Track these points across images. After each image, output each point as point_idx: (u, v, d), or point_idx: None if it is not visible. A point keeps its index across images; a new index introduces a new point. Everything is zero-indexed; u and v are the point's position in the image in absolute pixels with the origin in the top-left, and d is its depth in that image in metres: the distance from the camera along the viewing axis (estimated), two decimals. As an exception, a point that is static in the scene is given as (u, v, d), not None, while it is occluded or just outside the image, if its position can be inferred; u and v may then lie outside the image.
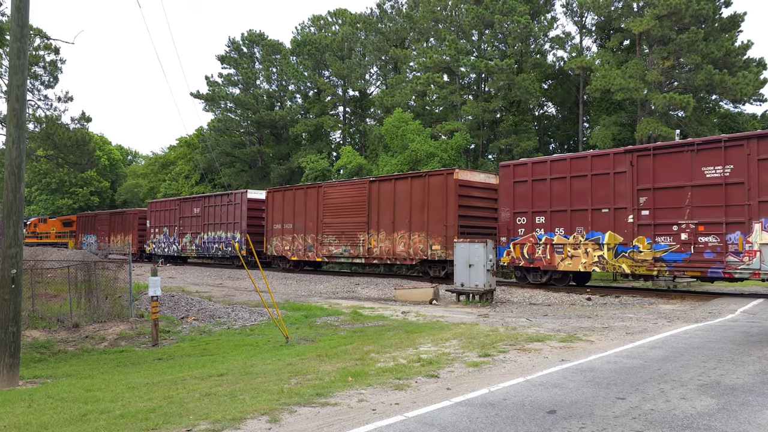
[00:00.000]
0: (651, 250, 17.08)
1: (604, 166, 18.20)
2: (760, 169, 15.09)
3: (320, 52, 48.69)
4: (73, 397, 7.70)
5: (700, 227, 16.18)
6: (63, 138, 31.47)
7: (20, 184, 10.09)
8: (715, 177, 15.97)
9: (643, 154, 17.42)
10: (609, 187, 18.02)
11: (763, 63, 31.67)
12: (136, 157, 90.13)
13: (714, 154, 16.01)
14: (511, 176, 20.53)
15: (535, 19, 38.07)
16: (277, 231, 29.99)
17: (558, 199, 19.20)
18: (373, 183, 25.28)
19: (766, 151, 15.04)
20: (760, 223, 15.06)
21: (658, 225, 17.01)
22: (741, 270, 15.39)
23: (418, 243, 23.20)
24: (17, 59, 10.15)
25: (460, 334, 10.74)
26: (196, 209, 36.14)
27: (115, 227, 46.49)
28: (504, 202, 20.78)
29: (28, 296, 15.98)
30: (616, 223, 17.86)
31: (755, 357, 8.03)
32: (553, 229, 19.35)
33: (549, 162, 19.63)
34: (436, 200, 22.53)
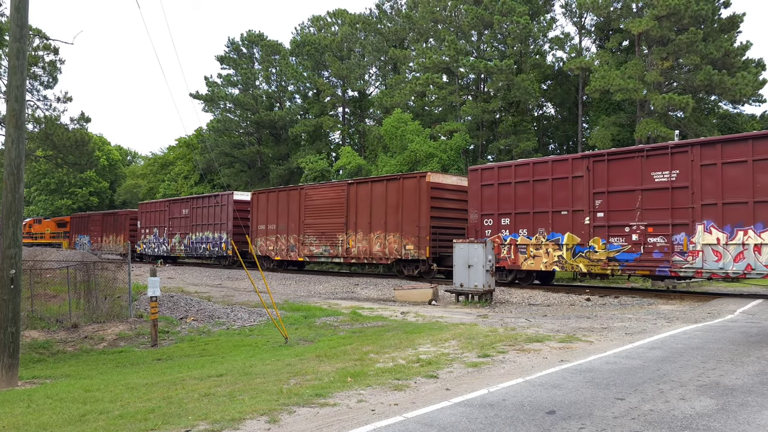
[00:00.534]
0: (605, 250, 18.06)
1: (564, 170, 19.19)
2: (703, 174, 16.16)
3: (319, 52, 48.71)
4: (72, 397, 7.70)
5: (649, 228, 17.20)
6: (62, 138, 31.46)
7: (19, 184, 10.09)
8: (663, 181, 16.99)
9: (598, 160, 18.45)
10: (568, 191, 19.00)
11: (762, 64, 31.69)
12: (136, 157, 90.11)
13: (662, 160, 17.06)
14: (479, 180, 21.45)
15: (535, 19, 38.09)
16: (262, 231, 30.80)
17: (522, 201, 20.17)
18: (351, 185, 26.19)
19: (708, 157, 16.10)
20: (702, 224, 16.14)
21: (611, 226, 18.01)
22: (685, 269, 16.40)
23: (393, 243, 24.16)
24: (16, 59, 10.14)
25: (460, 334, 10.74)
26: (184, 210, 36.93)
27: (107, 228, 47.26)
28: (472, 204, 21.65)
29: (27, 296, 15.97)
30: (574, 224, 18.83)
31: (754, 357, 8.03)
32: (517, 230, 20.36)
33: (513, 166, 20.60)
34: (409, 202, 23.46)
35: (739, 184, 15.56)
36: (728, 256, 15.66)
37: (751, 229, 15.30)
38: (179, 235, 37.36)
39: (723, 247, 15.79)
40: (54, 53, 32.55)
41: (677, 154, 16.80)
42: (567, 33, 39.95)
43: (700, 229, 16.20)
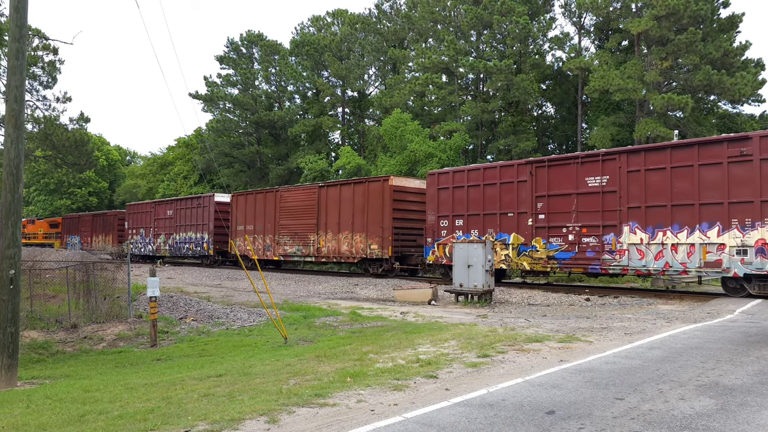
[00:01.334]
0: (546, 249, 19.49)
1: (510, 175, 20.60)
2: (629, 179, 17.66)
3: (319, 52, 48.71)
4: (71, 397, 7.69)
5: (583, 229, 18.69)
6: (61, 138, 31.44)
7: (19, 184, 10.08)
8: (595, 186, 18.48)
9: (540, 165, 19.87)
10: (514, 194, 20.44)
11: (762, 63, 31.71)
12: (135, 157, 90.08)
13: (594, 166, 18.51)
14: (436, 183, 22.82)
15: (534, 19, 38.10)
16: (240, 232, 32.28)
17: (474, 204, 21.56)
18: (322, 188, 27.73)
19: (634, 164, 17.59)
20: (628, 226, 17.64)
21: (551, 227, 19.45)
22: (613, 266, 17.93)
23: (359, 243, 25.53)
24: (16, 60, 10.14)
25: (459, 334, 10.74)
26: (169, 211, 38.29)
27: (96, 228, 48.59)
28: (430, 206, 23.04)
29: (27, 297, 15.97)
30: (519, 225, 20.28)
31: (754, 357, 8.04)
32: (469, 230, 21.70)
33: (466, 171, 22.08)
34: (374, 205, 24.88)
35: (660, 189, 17.06)
36: (650, 254, 17.20)
37: (669, 230, 16.83)
38: (164, 236, 38.63)
39: (645, 247, 17.29)
40: (53, 53, 32.51)
41: (607, 161, 18.25)
42: (566, 33, 40.02)
43: (626, 230, 17.69)
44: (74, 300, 16.05)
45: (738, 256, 15.67)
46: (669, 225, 16.84)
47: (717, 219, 16.04)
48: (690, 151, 16.64)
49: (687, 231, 16.55)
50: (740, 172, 15.70)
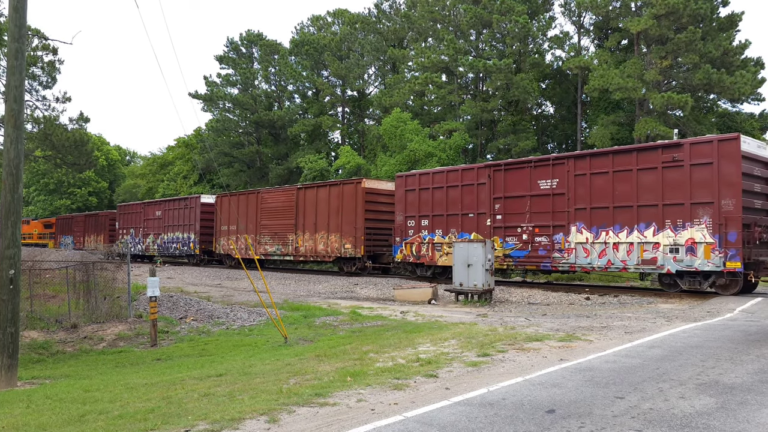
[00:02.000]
0: (503, 248, 20.60)
1: (471, 178, 21.73)
2: (576, 183, 18.82)
3: (318, 52, 48.69)
4: (71, 397, 7.69)
5: (536, 229, 19.82)
6: (61, 138, 31.42)
7: (18, 184, 10.08)
8: (546, 188, 19.61)
9: (497, 169, 21.03)
10: (474, 196, 21.55)
11: (761, 62, 31.69)
12: (135, 157, 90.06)
13: (545, 170, 19.64)
14: (404, 185, 24.03)
15: (534, 18, 38.07)
16: (224, 232, 33.68)
17: (438, 205, 22.72)
18: (300, 190, 29.00)
19: (581, 168, 18.75)
20: (575, 226, 18.78)
21: (507, 227, 20.62)
22: (562, 264, 19.07)
23: (334, 242, 26.79)
24: (15, 60, 10.13)
25: (459, 333, 10.74)
26: (158, 212, 39.46)
27: (89, 228, 49.73)
28: (398, 207, 24.25)
29: (27, 297, 15.96)
30: (479, 225, 21.39)
31: (754, 356, 8.04)
32: (434, 230, 22.86)
33: (431, 174, 23.31)
34: (348, 206, 26.08)
35: (603, 191, 18.21)
36: (594, 252, 18.38)
37: (611, 230, 17.96)
38: (153, 235, 39.74)
39: (590, 245, 18.46)
40: (53, 53, 32.47)
41: (557, 165, 19.42)
42: (566, 32, 39.98)
43: (574, 230, 18.85)
44: (74, 300, 16.05)
45: (671, 254, 16.78)
46: (611, 225, 17.96)
47: (653, 220, 17.15)
48: (630, 156, 17.76)
49: (627, 231, 17.65)
50: (673, 176, 16.85)
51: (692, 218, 16.45)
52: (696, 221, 16.38)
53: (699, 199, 16.33)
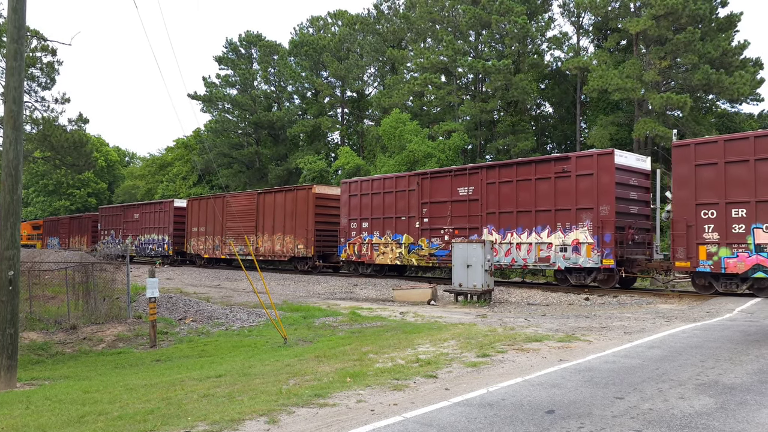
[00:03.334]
0: (428, 247, 23.00)
1: (404, 185, 24.10)
2: (488, 190, 21.18)
3: (318, 52, 48.69)
4: (71, 398, 7.69)
5: (455, 231, 22.06)
6: (60, 139, 31.42)
7: (17, 185, 10.08)
8: (464, 195, 21.92)
9: (425, 177, 23.48)
10: (406, 201, 23.93)
11: (760, 63, 31.71)
12: (134, 158, 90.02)
13: (463, 179, 21.99)
14: (348, 191, 26.52)
15: (533, 19, 38.10)
16: (194, 233, 35.98)
17: (376, 209, 25.05)
18: (260, 195, 31.42)
19: (491, 177, 21.10)
20: (487, 228, 21.15)
21: (432, 229, 22.96)
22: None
23: (289, 243, 29.07)
24: (14, 61, 10.13)
25: (459, 334, 10.75)
26: (136, 215, 41.79)
27: (73, 230, 51.97)
28: (343, 211, 26.72)
29: (26, 298, 15.95)
30: (410, 227, 23.76)
31: (753, 356, 8.04)
32: (373, 232, 25.22)
33: (371, 180, 25.74)
34: (301, 210, 28.47)
35: (509, 198, 20.61)
36: (502, 252, 20.66)
37: (515, 232, 20.40)
38: (131, 237, 42.04)
39: (498, 245, 20.64)
40: (52, 54, 32.49)
41: (473, 174, 21.77)
42: (565, 33, 40.04)
43: (486, 232, 21.15)
44: (73, 301, 16.04)
45: (561, 252, 19.13)
46: (515, 228, 20.43)
47: (547, 223, 19.55)
48: (530, 167, 20.12)
49: (527, 233, 20.09)
50: (563, 185, 19.21)
51: (577, 222, 18.78)
52: (580, 224, 18.72)
53: (583, 205, 18.66)
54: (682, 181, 16.76)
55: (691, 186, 16.51)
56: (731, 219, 15.79)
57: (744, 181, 15.55)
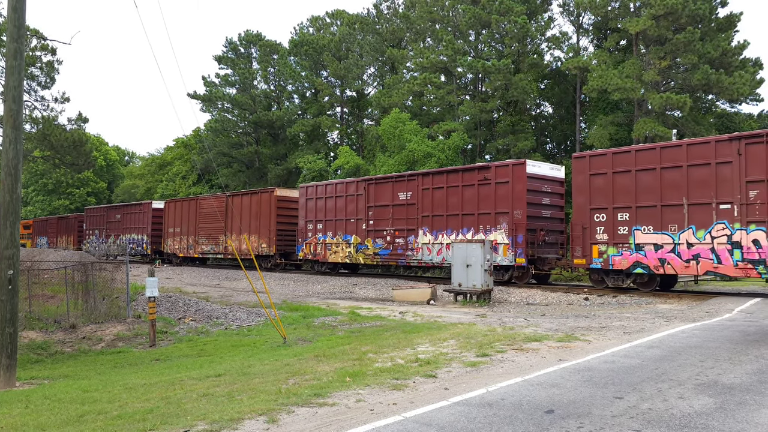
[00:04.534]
0: (373, 247, 25.08)
1: (352, 190, 26.33)
2: (423, 195, 23.31)
3: (317, 52, 48.63)
4: (70, 398, 7.69)
5: (396, 232, 24.28)
6: (60, 139, 31.40)
7: (17, 184, 10.07)
8: (403, 200, 24.12)
9: (371, 182, 25.60)
10: (354, 204, 26.10)
11: (760, 63, 31.70)
12: (133, 157, 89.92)
13: (403, 185, 24.25)
14: (305, 195, 28.76)
15: (532, 19, 38.07)
16: (171, 233, 38.06)
17: (329, 212, 27.34)
18: (229, 197, 33.81)
19: (426, 183, 23.26)
20: (422, 230, 23.28)
21: (376, 231, 25.11)
22: (413, 260, 23.64)
23: (254, 242, 31.29)
24: (14, 60, 10.12)
25: (458, 334, 10.75)
26: (118, 216, 43.95)
27: (61, 230, 53.88)
28: (301, 213, 29.07)
29: (25, 297, 15.94)
30: (357, 229, 25.88)
31: (753, 356, 8.05)
32: (326, 233, 27.52)
33: (325, 185, 27.98)
34: (264, 211, 30.72)
35: (440, 202, 22.67)
36: (434, 251, 22.87)
37: (445, 233, 22.44)
38: (113, 237, 44.09)
39: (431, 245, 22.90)
40: (51, 53, 32.45)
41: (410, 180, 24.00)
42: (564, 32, 39.97)
43: (421, 233, 23.36)
44: (73, 300, 16.03)
45: None
46: (445, 229, 22.46)
47: (472, 225, 21.62)
48: (458, 175, 22.24)
49: (455, 234, 22.11)
50: (485, 191, 21.29)
51: (496, 224, 20.85)
52: (498, 227, 20.75)
53: (500, 209, 20.76)
54: (579, 189, 18.92)
55: (587, 193, 18.66)
56: (617, 222, 18.02)
57: (627, 189, 17.77)
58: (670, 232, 16.93)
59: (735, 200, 15.79)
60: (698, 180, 16.44)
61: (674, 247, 16.79)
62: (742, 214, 15.64)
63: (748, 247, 15.48)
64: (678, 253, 16.71)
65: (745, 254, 15.50)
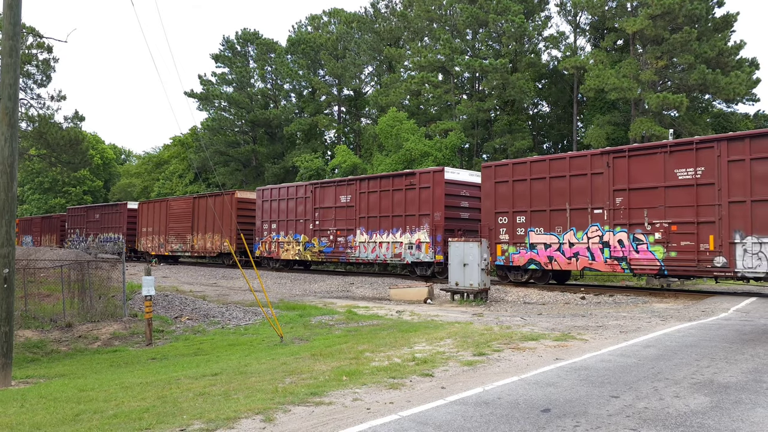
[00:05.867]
0: (319, 245, 27.36)
1: (302, 193, 28.54)
2: (360, 198, 25.44)
3: (315, 51, 48.56)
4: (66, 397, 7.67)
5: (338, 232, 26.44)
6: (56, 137, 31.36)
7: (12, 183, 10.04)
8: (344, 202, 26.23)
9: (317, 186, 27.87)
10: (303, 206, 28.34)
11: (756, 63, 31.78)
12: (130, 156, 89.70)
13: (344, 188, 26.34)
14: (262, 197, 30.90)
15: (530, 18, 38.08)
16: (144, 233, 40.35)
17: (282, 213, 29.50)
18: (195, 199, 35.92)
19: (363, 188, 25.35)
20: (360, 230, 25.39)
21: (322, 230, 27.34)
22: (352, 257, 25.74)
23: (217, 241, 33.57)
24: (9, 57, 10.09)
25: (455, 333, 10.75)
26: (96, 215, 45.96)
27: (44, 229, 55.67)
28: (258, 214, 31.10)
29: (21, 296, 15.89)
30: (306, 229, 28.11)
31: (748, 355, 8.07)
32: (279, 232, 29.68)
33: (278, 188, 30.10)
34: (226, 212, 32.93)
35: (374, 205, 24.80)
36: (369, 249, 24.97)
37: (378, 233, 24.59)
38: (92, 235, 45.88)
39: (367, 244, 24.99)
40: (47, 51, 32.42)
41: (351, 185, 26.05)
42: (562, 32, 40.02)
43: (359, 233, 25.40)
44: (69, 299, 15.99)
45: (409, 250, 23.42)
46: (379, 229, 24.59)
47: (400, 226, 23.78)
48: (389, 180, 24.50)
49: (386, 233, 24.24)
50: (411, 195, 23.46)
51: (420, 225, 23.01)
52: (422, 227, 22.91)
53: (423, 211, 22.88)
54: (487, 195, 21.21)
55: (492, 198, 20.94)
56: (516, 224, 20.30)
57: (524, 196, 20.02)
58: (557, 233, 19.18)
59: (605, 206, 18.04)
60: (578, 188, 18.68)
61: (559, 246, 19.06)
62: (610, 217, 17.88)
63: (614, 246, 17.67)
64: (562, 252, 18.95)
65: (612, 252, 17.70)
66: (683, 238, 16.48)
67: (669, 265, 16.61)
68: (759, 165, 15.19)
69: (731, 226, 15.60)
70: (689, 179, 16.36)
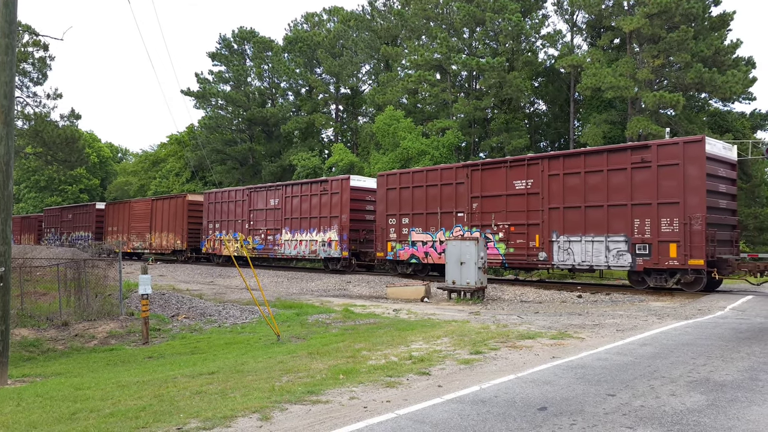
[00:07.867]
0: (253, 243, 30.68)
1: (240, 196, 32.09)
2: (286, 202, 28.93)
3: (312, 49, 48.47)
4: (62, 395, 7.65)
5: (268, 231, 29.96)
6: (52, 135, 31.26)
7: (8, 181, 10.01)
8: (273, 205, 29.80)
9: (252, 190, 31.62)
10: (241, 208, 31.79)
11: (752, 62, 31.83)
12: (126, 154, 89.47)
13: (273, 192, 29.96)
14: (207, 199, 34.34)
15: (527, 17, 38.10)
16: (110, 232, 43.65)
17: (224, 213, 33.06)
18: (154, 201, 39.46)
19: (288, 192, 29.13)
20: (284, 229, 28.90)
21: (255, 230, 30.88)
22: (278, 254, 29.35)
23: (172, 239, 36.95)
24: (5, 55, 10.05)
25: (452, 331, 10.76)
26: (69, 215, 49.12)
27: (23, 228, 58.61)
28: (204, 214, 34.67)
29: (17, 294, 15.85)
30: (243, 228, 31.56)
31: (744, 354, 8.10)
32: (221, 231, 33.15)
33: (221, 192, 33.72)
34: (179, 213, 36.23)
35: (297, 208, 28.48)
36: (292, 246, 28.70)
37: (299, 232, 28.30)
38: (66, 234, 48.68)
39: (290, 242, 28.62)
40: (44, 49, 32.31)
41: (278, 189, 29.75)
42: (559, 30, 40.06)
43: (284, 232, 29.11)
44: (65, 298, 15.95)
45: (323, 247, 27.02)
46: (299, 229, 28.33)
47: (315, 226, 27.42)
48: (308, 186, 28.12)
49: (305, 233, 27.92)
50: (325, 199, 26.96)
51: (331, 226, 26.56)
52: (333, 227, 26.46)
53: (334, 214, 26.40)
54: (380, 199, 24.84)
55: (384, 203, 24.56)
56: (402, 225, 23.87)
57: (408, 200, 23.61)
58: (431, 233, 22.73)
59: (465, 210, 21.66)
60: (447, 195, 22.25)
61: (433, 243, 22.61)
62: (469, 220, 21.50)
63: None
64: (435, 248, 22.56)
65: None
66: (518, 237, 20.07)
67: (509, 259, 20.36)
68: (570, 179, 18.79)
69: (551, 227, 19.22)
70: (522, 189, 20.06)
